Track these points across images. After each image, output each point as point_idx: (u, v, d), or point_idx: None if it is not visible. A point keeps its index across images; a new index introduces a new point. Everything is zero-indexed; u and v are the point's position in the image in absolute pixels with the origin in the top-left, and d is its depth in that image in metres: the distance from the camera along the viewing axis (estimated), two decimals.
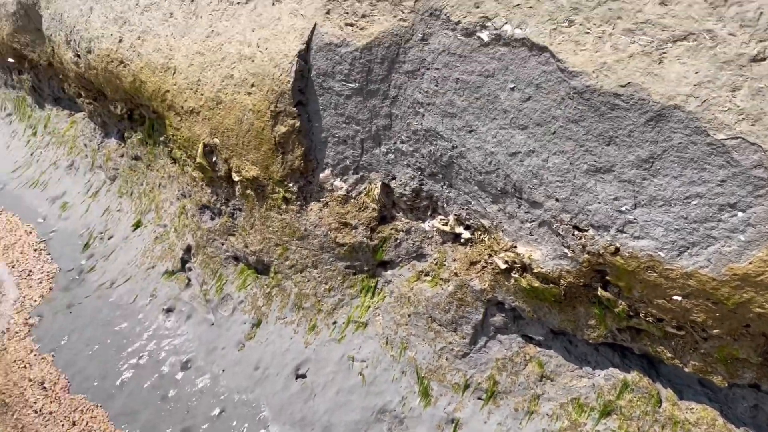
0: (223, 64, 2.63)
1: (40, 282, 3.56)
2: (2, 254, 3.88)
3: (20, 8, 4.57)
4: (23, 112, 5.56)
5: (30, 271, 3.71)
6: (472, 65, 1.98)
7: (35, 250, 3.92)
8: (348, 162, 2.46)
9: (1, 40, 5.12)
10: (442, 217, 2.29)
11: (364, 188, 2.47)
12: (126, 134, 3.81)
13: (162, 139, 3.32)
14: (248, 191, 2.71)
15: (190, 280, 2.95)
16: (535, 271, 1.96)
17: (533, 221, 1.97)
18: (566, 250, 1.89)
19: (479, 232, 2.18)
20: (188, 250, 3.03)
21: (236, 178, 2.71)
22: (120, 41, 3.20)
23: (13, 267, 3.76)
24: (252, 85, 2.51)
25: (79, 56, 3.68)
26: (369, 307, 2.43)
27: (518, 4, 1.86)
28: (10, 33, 4.91)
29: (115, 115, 3.83)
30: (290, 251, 2.63)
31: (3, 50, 5.31)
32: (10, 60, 5.34)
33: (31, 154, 4.98)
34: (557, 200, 1.88)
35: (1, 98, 5.99)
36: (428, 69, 2.10)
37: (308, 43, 2.36)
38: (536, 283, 1.98)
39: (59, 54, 4.00)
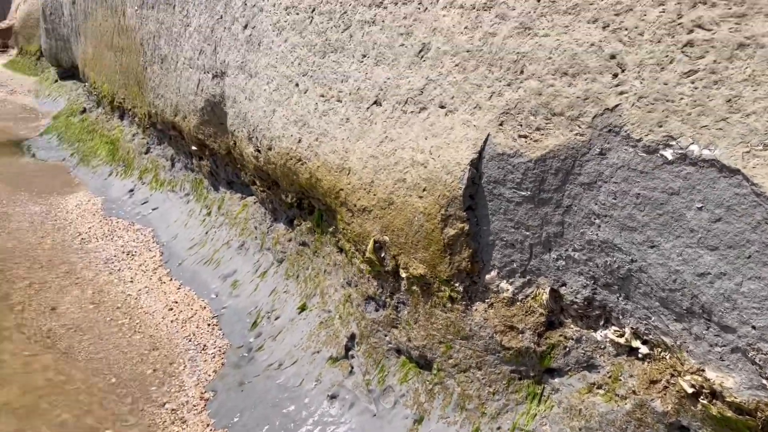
0: (396, 168, 2.82)
1: (214, 357, 3.89)
2: (182, 327, 4.30)
3: (207, 105, 5.22)
4: (200, 193, 6.24)
5: (204, 345, 4.07)
6: (655, 182, 1.97)
7: (209, 325, 4.31)
8: (515, 265, 2.51)
9: (188, 130, 5.85)
10: (617, 329, 2.24)
11: (532, 292, 2.48)
12: (295, 221, 4.15)
13: (330, 229, 3.58)
14: (414, 287, 2.82)
15: (353, 368, 3.08)
16: (728, 399, 1.85)
17: (725, 346, 1.88)
18: (765, 381, 1.77)
19: (659, 349, 2.10)
20: (352, 338, 3.19)
21: (403, 275, 2.84)
22: (299, 141, 3.54)
23: (190, 340, 4.16)
24: (423, 189, 2.66)
25: (259, 151, 4.11)
26: (535, 415, 2.39)
27: (706, 125, 1.84)
28: (196, 125, 5.60)
29: (285, 203, 4.19)
30: (454, 350, 2.68)
31: (188, 139, 6.05)
32: (193, 148, 6.06)
33: (206, 233, 5.55)
34: (754, 328, 1.78)
35: (181, 179, 6.77)
36: (606, 182, 2.12)
37: (480, 152, 2.48)
38: (728, 413, 1.86)
39: (240, 147, 4.49)
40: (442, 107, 2.67)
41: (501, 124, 2.43)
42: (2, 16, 27.34)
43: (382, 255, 2.96)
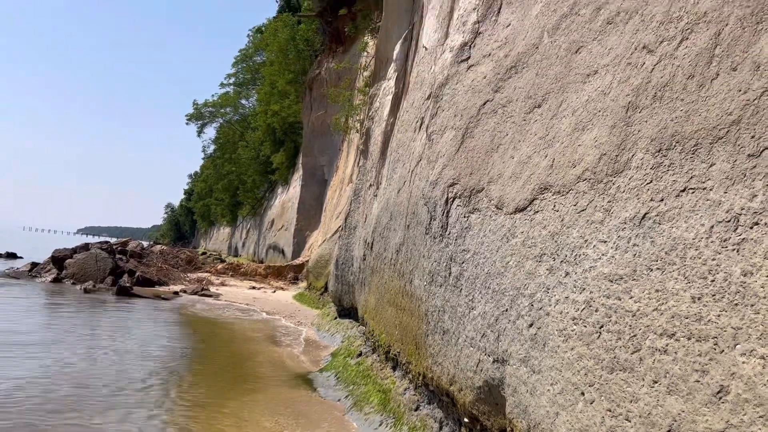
0: None
1: None
2: None
3: (485, 385, 5.63)
4: None
5: None
6: None
7: None
8: None
9: (463, 402, 6.27)
10: None
11: None
12: None
13: None
14: None
15: None
16: None
17: None
18: None
19: None
20: None
21: None
22: None
23: None
24: None
25: None
26: None
27: None
28: (472, 400, 6.00)
29: None
30: None
31: (461, 410, 6.45)
32: (466, 420, 6.41)
33: None
34: None
35: None
36: None
37: None
38: None
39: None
40: None
41: None
42: (297, 254, 32.90)
43: None
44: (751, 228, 2.47)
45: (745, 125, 2.66)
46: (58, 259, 21.25)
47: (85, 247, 23.02)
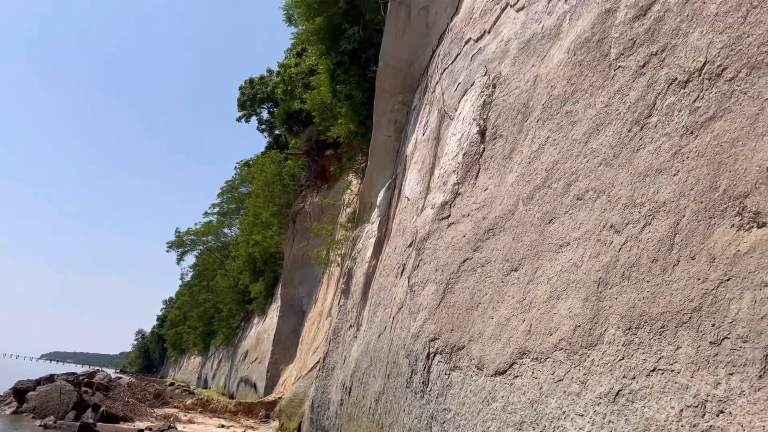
0: None
1: None
2: None
3: None
4: None
5: None
6: None
7: None
8: None
9: None
10: None
11: None
12: None
13: None
14: None
15: None
16: None
17: None
18: None
19: None
20: None
21: None
22: None
23: None
24: None
25: None
26: None
27: None
28: None
29: None
30: None
31: None
32: None
33: None
34: None
35: None
36: None
37: None
38: None
39: None
40: None
41: None
42: (270, 389, 31.59)
43: None
44: (717, 416, 2.60)
45: (705, 313, 2.87)
46: (19, 391, 20.24)
47: (50, 378, 22.00)
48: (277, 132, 41.63)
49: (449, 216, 6.52)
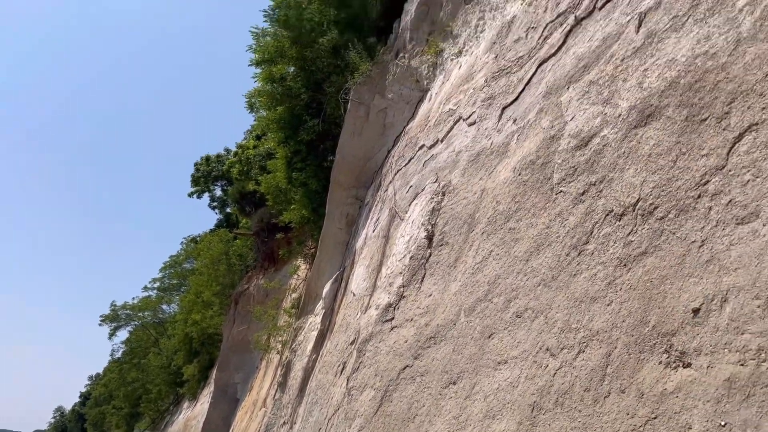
0: None
1: None
2: None
3: None
4: None
5: None
6: None
7: None
8: None
9: None
10: None
11: None
12: None
13: None
14: None
15: None
16: None
17: None
18: None
19: None
20: None
21: None
22: None
23: None
24: None
25: None
26: None
27: None
28: None
29: None
30: None
31: None
32: None
33: None
34: None
35: None
36: None
37: None
38: None
39: None
40: None
41: None
42: None
43: None
44: None
45: None
46: None
47: None
48: (228, 210, 41.36)
49: (393, 319, 6.49)
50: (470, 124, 7.11)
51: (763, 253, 2.70)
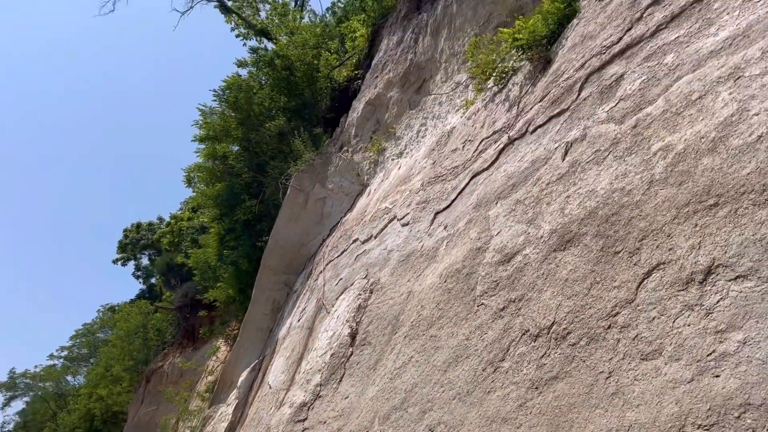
0: None
1: None
2: None
3: None
4: None
5: None
6: None
7: None
8: None
9: None
10: None
11: None
12: None
13: None
14: None
15: None
16: None
17: None
18: None
19: None
20: None
21: None
22: None
23: None
24: None
25: None
26: None
27: None
28: None
29: None
30: None
31: None
32: None
33: None
34: None
35: None
36: None
37: None
38: None
39: None
40: None
41: None
42: None
43: None
44: None
45: None
46: None
47: None
48: (153, 281, 39.77)
49: (305, 420, 6.22)
50: (404, 225, 7.22)
51: (663, 392, 2.77)
